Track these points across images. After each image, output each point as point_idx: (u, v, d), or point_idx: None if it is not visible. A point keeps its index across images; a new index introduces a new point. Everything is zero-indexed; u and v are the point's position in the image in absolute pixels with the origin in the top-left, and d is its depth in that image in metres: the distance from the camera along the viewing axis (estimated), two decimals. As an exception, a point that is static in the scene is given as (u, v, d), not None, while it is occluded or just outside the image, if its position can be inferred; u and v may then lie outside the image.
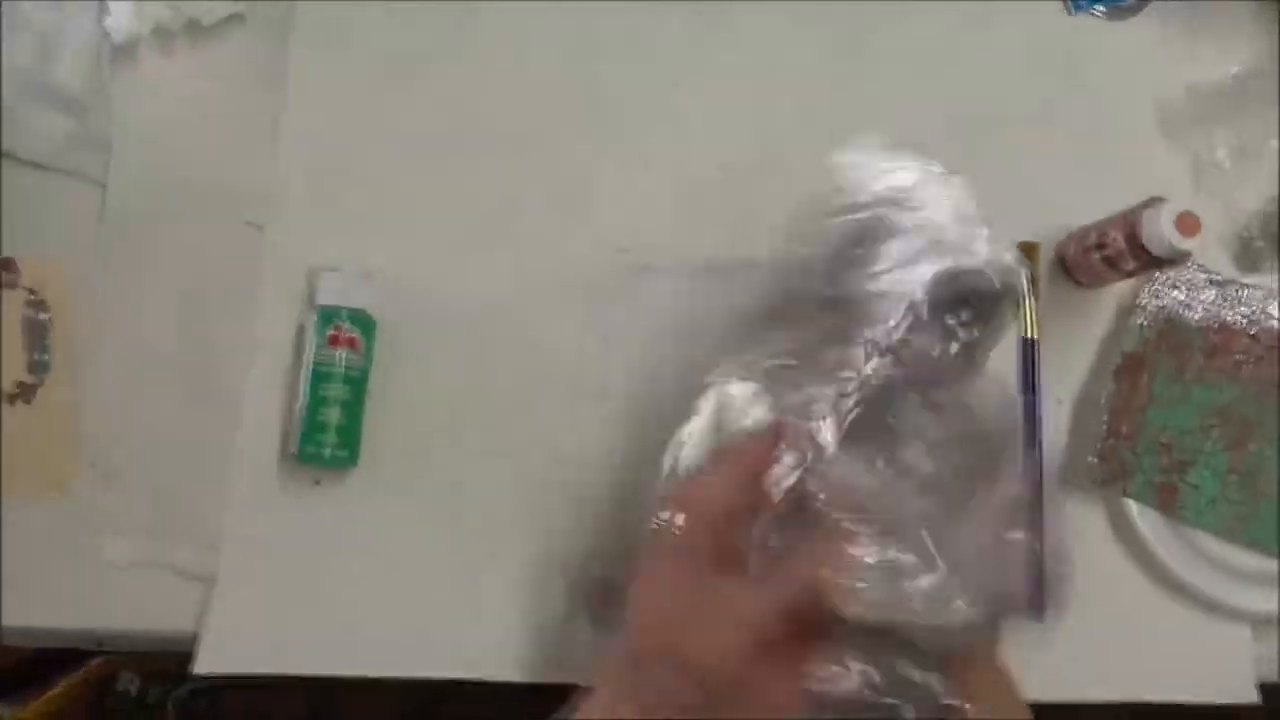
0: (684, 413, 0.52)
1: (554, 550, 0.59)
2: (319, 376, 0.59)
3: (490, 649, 0.59)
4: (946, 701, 0.45)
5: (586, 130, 0.66)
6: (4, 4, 0.61)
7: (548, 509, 0.59)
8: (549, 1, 0.67)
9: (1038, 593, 0.61)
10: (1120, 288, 0.66)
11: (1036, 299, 0.65)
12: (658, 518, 0.46)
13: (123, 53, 0.62)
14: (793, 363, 0.50)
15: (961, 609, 0.44)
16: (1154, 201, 0.59)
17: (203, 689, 0.83)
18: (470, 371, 0.62)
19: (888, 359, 0.48)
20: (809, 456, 0.47)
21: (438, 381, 0.62)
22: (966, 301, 0.48)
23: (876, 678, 0.46)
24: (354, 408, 0.59)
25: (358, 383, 0.60)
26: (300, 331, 0.61)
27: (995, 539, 0.45)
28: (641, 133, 0.66)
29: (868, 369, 0.48)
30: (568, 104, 0.66)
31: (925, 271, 0.48)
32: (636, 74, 0.67)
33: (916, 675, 0.46)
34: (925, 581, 0.44)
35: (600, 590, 0.57)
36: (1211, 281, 0.65)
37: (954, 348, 0.48)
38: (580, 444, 0.61)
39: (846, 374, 0.48)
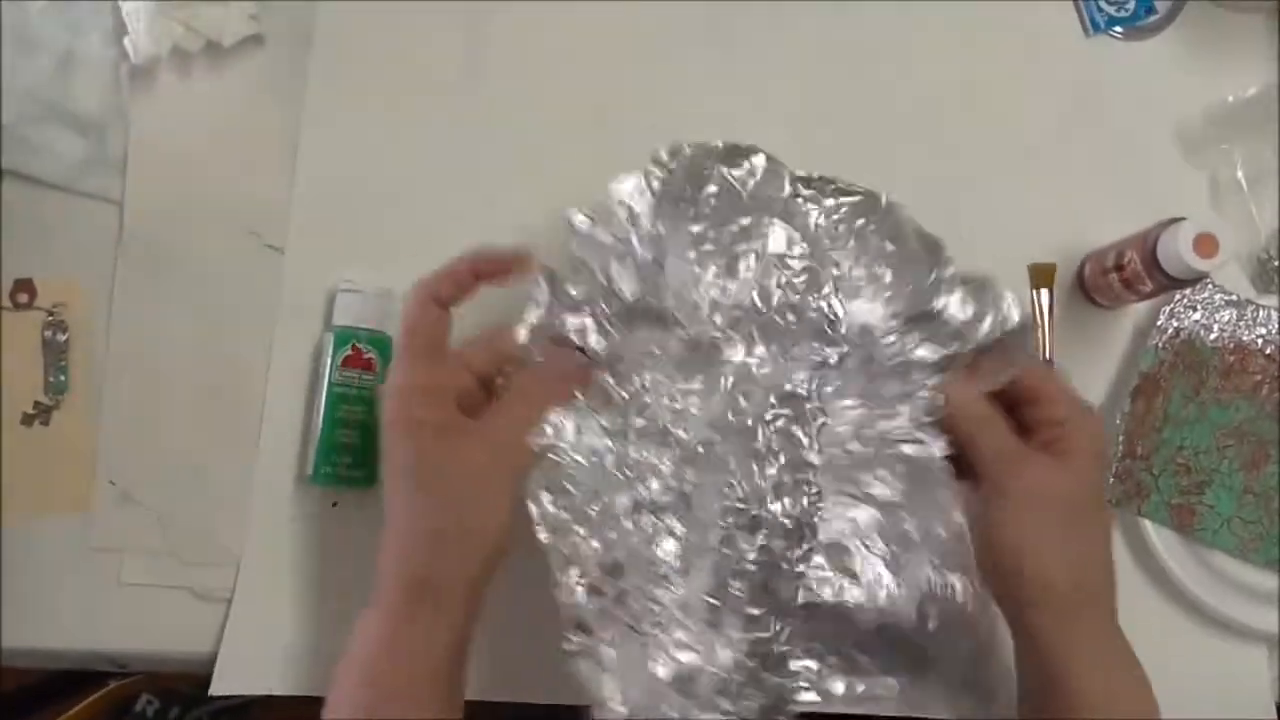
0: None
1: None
2: (335, 397, 0.59)
3: (504, 669, 0.59)
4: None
5: (598, 148, 0.66)
6: (22, 25, 0.61)
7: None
8: (563, 16, 0.67)
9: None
10: (1138, 309, 0.66)
11: (1053, 320, 0.65)
12: None
13: (141, 73, 0.63)
14: None
15: None
16: (1172, 222, 0.59)
17: (221, 710, 0.83)
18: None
19: None
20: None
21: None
22: None
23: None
24: (371, 428, 0.59)
25: (375, 403, 0.59)
26: (318, 352, 0.61)
27: None
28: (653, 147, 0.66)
29: None
30: (580, 122, 0.66)
31: None
32: (647, 90, 0.67)
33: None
34: None
35: None
36: (1229, 302, 0.65)
37: None
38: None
39: None
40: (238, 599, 0.58)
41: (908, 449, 0.54)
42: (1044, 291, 0.65)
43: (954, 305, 0.55)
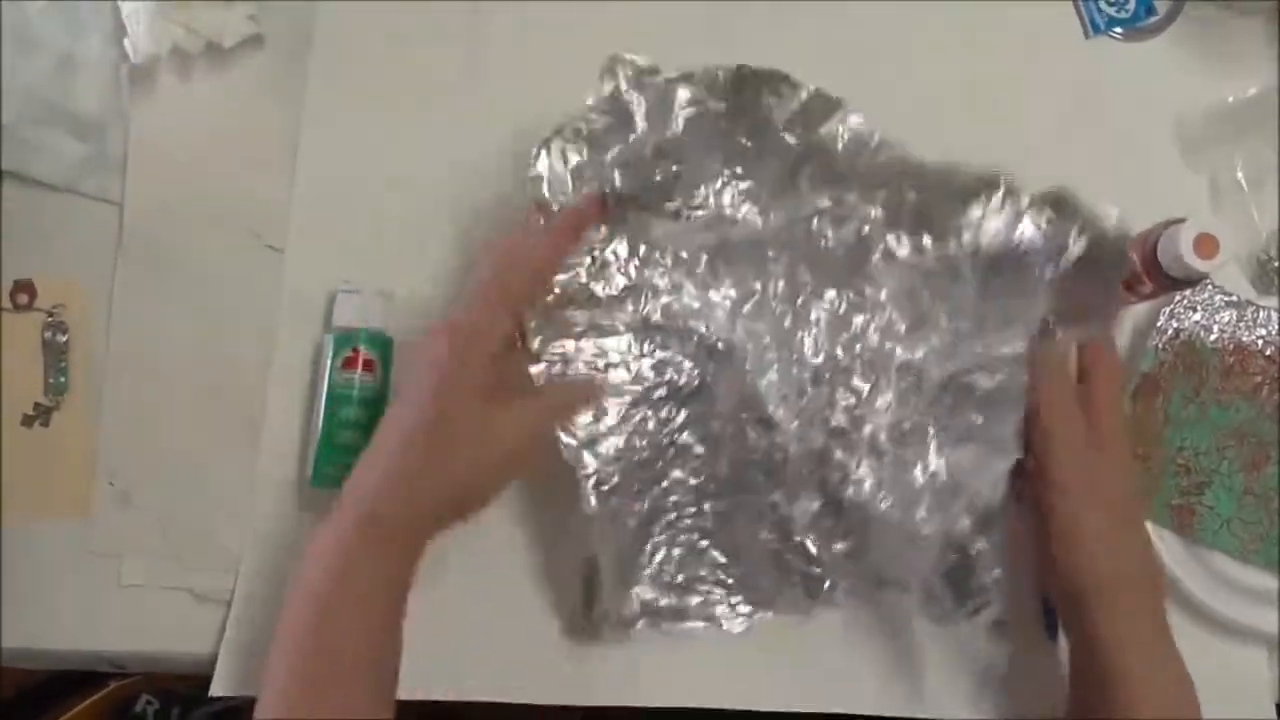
0: None
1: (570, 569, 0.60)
2: (335, 399, 0.59)
3: (506, 670, 0.59)
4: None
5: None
6: (22, 26, 0.61)
7: (566, 530, 0.59)
8: (563, 16, 0.67)
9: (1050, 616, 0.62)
10: (1138, 309, 0.66)
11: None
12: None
13: (140, 74, 0.63)
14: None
15: None
16: (1172, 223, 0.59)
17: (221, 711, 0.83)
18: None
19: None
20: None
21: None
22: None
23: None
24: (371, 430, 0.59)
25: (374, 405, 0.59)
26: (318, 353, 0.61)
27: None
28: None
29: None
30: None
31: None
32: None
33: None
34: None
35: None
36: (1229, 303, 0.65)
37: None
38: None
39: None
40: (238, 600, 0.58)
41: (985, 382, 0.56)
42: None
43: (1029, 230, 0.57)
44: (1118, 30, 0.70)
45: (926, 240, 0.57)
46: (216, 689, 0.57)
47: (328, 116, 0.64)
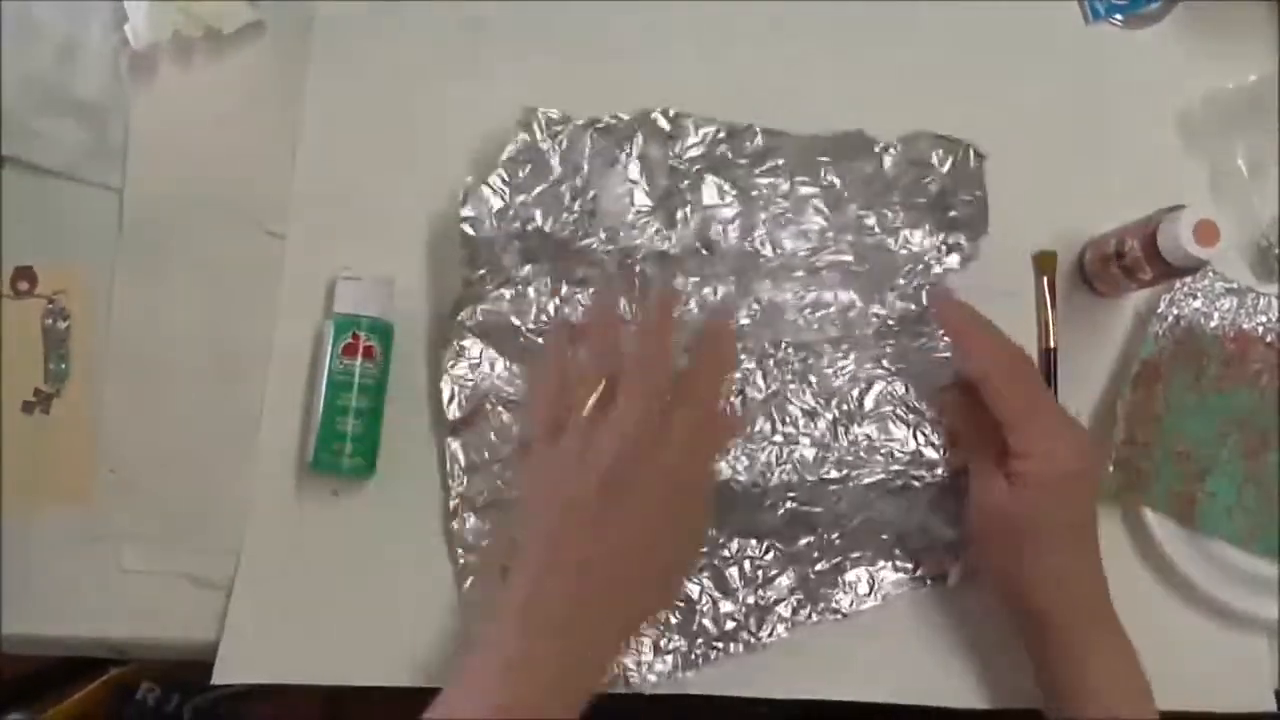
0: None
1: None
2: (335, 385, 0.59)
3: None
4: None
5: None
6: (22, 13, 0.61)
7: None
8: (564, 10, 0.67)
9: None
10: (1138, 297, 0.66)
11: (1054, 308, 0.65)
12: None
13: (141, 60, 0.63)
14: None
15: None
16: (1172, 210, 0.59)
17: (222, 697, 0.83)
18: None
19: None
20: None
21: (455, 390, 0.62)
22: None
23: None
24: (371, 417, 0.59)
25: (375, 391, 0.59)
26: (318, 339, 0.61)
27: None
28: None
29: None
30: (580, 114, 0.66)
31: None
32: (648, 89, 0.66)
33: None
34: None
35: None
36: (1229, 290, 0.65)
37: None
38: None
39: None
40: (238, 587, 0.58)
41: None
42: (1045, 279, 0.65)
43: (890, 164, 0.63)
44: (1117, 17, 0.70)
45: (819, 219, 0.63)
46: (218, 676, 0.57)
47: (328, 102, 0.64)
